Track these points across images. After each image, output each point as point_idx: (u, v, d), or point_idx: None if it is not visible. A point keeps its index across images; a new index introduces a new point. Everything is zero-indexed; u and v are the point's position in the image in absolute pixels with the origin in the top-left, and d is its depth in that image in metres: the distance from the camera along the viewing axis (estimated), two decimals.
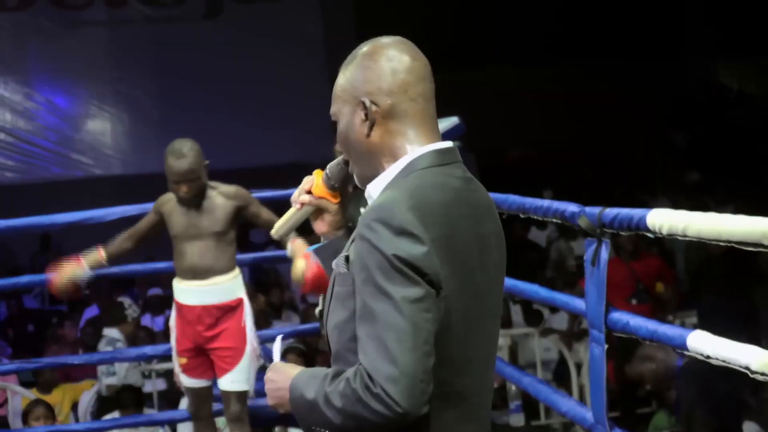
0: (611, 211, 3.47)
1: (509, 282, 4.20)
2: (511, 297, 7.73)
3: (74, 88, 14.17)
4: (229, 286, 5.03)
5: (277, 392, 2.01)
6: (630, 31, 14.80)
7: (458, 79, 10.89)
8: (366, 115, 2.02)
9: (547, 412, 7.62)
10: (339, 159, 2.22)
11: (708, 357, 2.92)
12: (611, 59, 14.53)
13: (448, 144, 2.05)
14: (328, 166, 2.24)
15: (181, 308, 5.02)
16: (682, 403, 4.83)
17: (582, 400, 6.60)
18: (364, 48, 2.07)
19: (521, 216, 4.29)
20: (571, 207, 3.77)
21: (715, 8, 14.89)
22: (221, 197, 5.02)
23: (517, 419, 7.78)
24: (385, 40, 2.08)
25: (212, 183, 5.05)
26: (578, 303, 4.06)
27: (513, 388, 7.56)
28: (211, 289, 4.96)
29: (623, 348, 6.08)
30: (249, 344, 5.05)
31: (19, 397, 6.89)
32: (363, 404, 1.81)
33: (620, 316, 3.56)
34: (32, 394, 6.93)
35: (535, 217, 4.15)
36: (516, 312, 8.73)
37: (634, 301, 7.37)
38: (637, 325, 3.43)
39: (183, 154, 4.85)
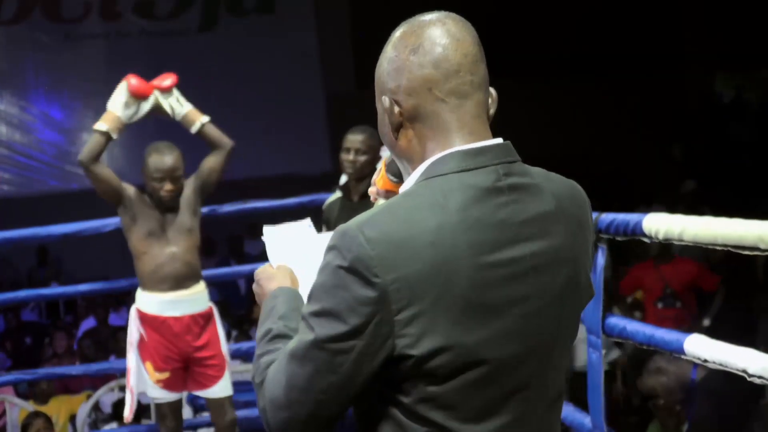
0: (607, 217, 3.48)
1: None
2: None
3: (70, 101, 14.15)
4: (205, 294, 5.06)
5: (259, 297, 1.93)
6: (629, 44, 14.81)
7: None
8: (389, 116, 1.70)
9: None
10: None
11: (705, 361, 2.92)
12: (611, 72, 14.54)
13: (485, 143, 1.67)
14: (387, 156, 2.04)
15: (163, 322, 4.94)
16: (695, 420, 4.72)
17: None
18: (400, 29, 1.70)
19: None
20: None
21: (714, 21, 14.92)
22: (184, 191, 5.00)
23: None
24: (427, 18, 1.68)
25: None
26: None
27: None
28: (195, 298, 4.98)
29: (635, 362, 5.94)
30: (224, 348, 5.09)
31: (17, 408, 6.88)
32: (257, 398, 1.69)
33: (617, 321, 3.56)
34: (30, 405, 6.92)
35: None
36: None
37: (660, 305, 7.21)
38: (634, 330, 3.43)
39: (167, 151, 4.87)
